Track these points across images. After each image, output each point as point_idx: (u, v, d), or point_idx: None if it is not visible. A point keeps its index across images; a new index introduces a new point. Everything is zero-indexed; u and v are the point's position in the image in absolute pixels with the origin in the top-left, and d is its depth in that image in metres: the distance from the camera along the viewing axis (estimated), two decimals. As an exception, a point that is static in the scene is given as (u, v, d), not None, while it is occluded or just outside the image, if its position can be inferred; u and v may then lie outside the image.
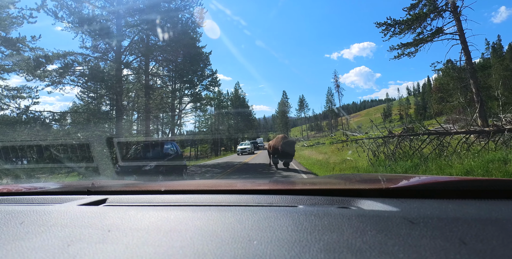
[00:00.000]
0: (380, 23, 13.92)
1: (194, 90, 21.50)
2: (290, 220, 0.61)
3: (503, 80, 40.17)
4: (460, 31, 13.05)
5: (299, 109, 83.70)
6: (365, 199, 0.78)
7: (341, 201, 0.79)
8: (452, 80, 20.00)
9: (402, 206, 0.70)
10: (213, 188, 1.03)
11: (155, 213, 0.72)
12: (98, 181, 1.40)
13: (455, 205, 0.70)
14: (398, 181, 1.06)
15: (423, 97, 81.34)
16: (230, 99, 57.90)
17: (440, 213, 0.63)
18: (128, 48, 15.34)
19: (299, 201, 0.81)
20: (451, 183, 0.89)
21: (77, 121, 15.29)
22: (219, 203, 0.84)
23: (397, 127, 30.70)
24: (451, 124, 12.89)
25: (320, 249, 0.46)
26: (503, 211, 0.64)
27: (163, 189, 1.01)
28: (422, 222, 0.57)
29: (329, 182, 1.29)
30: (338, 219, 0.60)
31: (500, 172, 5.67)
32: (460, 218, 0.59)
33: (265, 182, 1.26)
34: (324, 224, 0.57)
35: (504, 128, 7.82)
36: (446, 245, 0.46)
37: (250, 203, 0.82)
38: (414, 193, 0.83)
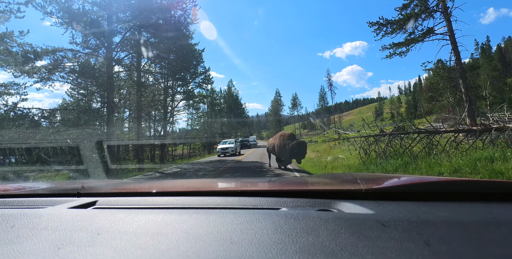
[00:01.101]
0: (373, 22, 14.04)
1: (187, 88, 21.36)
2: (271, 222, 0.63)
3: (491, 80, 41.08)
4: (450, 31, 13.26)
5: (292, 107, 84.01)
6: (346, 201, 0.81)
7: (323, 203, 0.81)
8: (442, 80, 20.35)
9: (378, 209, 0.73)
10: (201, 189, 1.05)
11: (143, 216, 0.74)
12: (89, 182, 1.39)
13: (427, 207, 0.73)
14: (381, 182, 1.08)
15: (414, 97, 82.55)
16: (223, 97, 57.69)
17: (411, 216, 0.65)
18: (119, 44, 15.12)
19: (283, 203, 0.83)
20: (429, 184, 0.91)
21: (67, 119, 15.03)
22: (205, 205, 0.86)
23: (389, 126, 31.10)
24: (440, 123, 13.14)
25: (295, 251, 0.48)
26: (468, 213, 0.67)
27: (153, 191, 1.03)
28: (393, 225, 0.59)
29: (314, 182, 1.30)
30: (316, 221, 0.63)
31: (487, 170, 5.82)
32: (429, 220, 0.61)
33: (252, 183, 1.28)
34: (302, 227, 0.60)
35: (491, 127, 8.00)
36: (411, 247, 0.49)
37: (235, 205, 0.85)
38: (393, 195, 0.86)
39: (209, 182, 1.47)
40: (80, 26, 13.22)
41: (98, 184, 1.37)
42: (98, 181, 1.68)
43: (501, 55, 71.23)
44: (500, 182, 0.94)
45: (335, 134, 29.49)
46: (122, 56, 15.91)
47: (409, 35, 14.07)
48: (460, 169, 6.29)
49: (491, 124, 8.45)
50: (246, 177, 8.37)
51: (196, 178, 9.47)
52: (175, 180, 1.39)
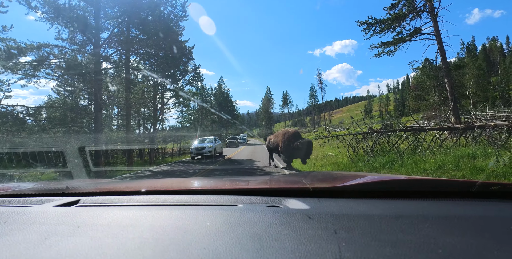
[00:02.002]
0: (362, 21, 14.20)
1: (177, 85, 21.16)
2: (228, 216, 0.75)
3: (476, 79, 42.18)
4: (437, 31, 13.54)
5: (282, 105, 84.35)
6: (293, 199, 0.92)
7: (274, 201, 0.92)
8: (429, 78, 20.80)
9: (315, 205, 0.84)
10: (171, 188, 1.17)
11: (118, 211, 0.85)
12: (74, 182, 1.50)
13: (353, 203, 0.85)
14: (336, 181, 1.22)
15: (402, 95, 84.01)
16: (213, 94, 57.39)
17: (335, 210, 0.78)
18: (107, 40, 14.83)
19: (241, 200, 0.94)
20: (365, 184, 1.04)
21: (53, 116, 14.69)
22: (172, 202, 0.96)
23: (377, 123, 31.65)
24: (427, 121, 13.45)
25: (235, 238, 0.62)
26: (381, 208, 0.78)
27: (128, 190, 1.14)
28: (317, 218, 0.71)
29: (275, 181, 1.46)
30: (264, 215, 0.74)
31: (469, 167, 6.03)
32: (347, 214, 0.74)
33: (217, 182, 1.40)
34: (252, 220, 0.71)
35: (474, 125, 8.27)
36: (321, 234, 0.62)
37: (200, 202, 0.95)
38: (337, 193, 0.96)
39: (182, 181, 1.60)
40: (66, 22, 12.90)
41: (82, 183, 1.49)
42: (84, 181, 1.79)
43: (485, 55, 73.20)
44: (431, 180, 1.10)
45: (325, 131, 29.80)
46: (110, 53, 15.62)
47: (397, 34, 14.30)
48: (444, 165, 6.49)
49: (474, 122, 8.73)
50: (227, 176, 8.46)
51: (185, 176, 9.46)
52: (151, 179, 1.50)
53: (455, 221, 0.66)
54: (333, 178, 1.46)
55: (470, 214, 0.72)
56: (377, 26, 14.24)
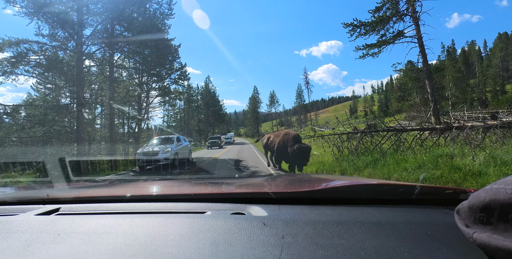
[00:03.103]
0: (347, 23, 14.47)
1: (162, 84, 20.87)
2: (195, 223, 0.81)
3: (455, 81, 43.77)
4: (419, 34, 13.98)
5: (269, 104, 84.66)
6: (257, 205, 0.97)
7: (240, 208, 0.97)
8: (411, 80, 21.45)
9: (274, 212, 0.90)
10: (146, 196, 1.21)
11: (95, 220, 0.90)
12: (55, 187, 1.52)
13: (306, 209, 0.91)
14: (303, 187, 1.28)
15: (386, 95, 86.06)
16: (200, 93, 56.89)
17: (287, 217, 0.84)
18: (90, 37, 14.44)
19: (210, 207, 0.99)
20: (313, 192, 1.09)
21: (33, 115, 14.18)
22: (146, 210, 1.01)
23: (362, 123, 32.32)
24: (409, 121, 13.86)
25: (196, 243, 0.68)
26: (328, 215, 0.85)
27: (106, 198, 1.19)
28: (270, 224, 0.77)
29: (244, 186, 1.49)
30: (229, 222, 0.80)
31: (447, 166, 6.27)
32: (296, 220, 0.80)
33: (193, 188, 1.42)
34: (217, 227, 0.77)
35: (453, 126, 8.60)
36: (270, 239, 0.68)
37: (172, 209, 1.01)
38: (297, 199, 1.02)
39: (158, 186, 1.63)
40: (47, 17, 12.48)
41: (63, 188, 1.52)
42: (65, 185, 1.81)
43: (464, 58, 76.00)
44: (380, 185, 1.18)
45: (311, 131, 30.16)
46: (93, 50, 15.23)
47: (381, 37, 14.67)
48: (424, 164, 6.72)
49: (453, 123, 9.08)
50: (209, 178, 8.43)
51: (171, 176, 9.37)
52: (129, 184, 1.50)
53: (386, 226, 0.74)
54: (301, 183, 1.53)
55: (400, 220, 0.79)
56: (362, 28, 14.55)
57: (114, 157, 15.43)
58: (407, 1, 14.11)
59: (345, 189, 1.10)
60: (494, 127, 7.62)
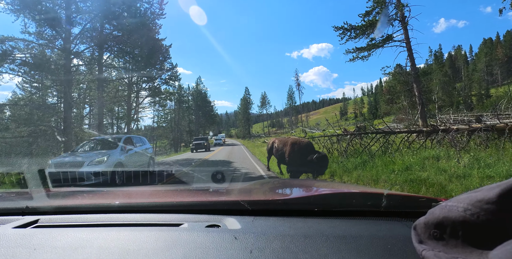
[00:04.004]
0: (338, 27, 14.65)
1: (153, 84, 20.66)
2: (169, 237, 0.81)
3: (442, 85, 44.84)
4: (407, 39, 14.27)
5: (261, 106, 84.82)
6: (232, 217, 0.97)
7: (216, 219, 0.97)
8: (399, 83, 21.87)
9: (248, 224, 0.90)
10: (125, 205, 1.18)
11: (72, 233, 0.89)
12: (35, 196, 1.50)
13: (280, 222, 0.91)
14: (279, 196, 1.29)
15: (376, 98, 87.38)
16: (191, 94, 56.53)
17: (260, 230, 0.84)
18: (79, 36, 14.19)
19: (186, 219, 0.99)
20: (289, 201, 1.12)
21: (18, 115, 13.81)
22: (123, 221, 1.01)
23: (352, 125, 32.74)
24: (396, 124, 14.12)
25: (168, 258, 0.69)
26: (298, 227, 0.86)
27: (85, 209, 1.17)
28: (241, 237, 0.78)
29: (224, 194, 1.47)
30: (205, 236, 0.80)
31: (433, 168, 6.41)
32: (267, 234, 0.81)
33: (172, 197, 1.38)
34: (187, 240, 0.78)
35: (439, 129, 8.80)
36: (239, 254, 0.69)
37: (150, 221, 1.00)
38: (273, 211, 1.03)
39: (140, 195, 1.58)
40: (34, 15, 12.20)
41: (43, 199, 1.49)
42: (47, 192, 1.75)
43: (451, 62, 77.99)
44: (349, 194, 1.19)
45: (302, 133, 30.38)
46: (81, 49, 14.96)
47: (371, 40, 14.89)
48: (411, 166, 6.86)
49: (439, 126, 9.30)
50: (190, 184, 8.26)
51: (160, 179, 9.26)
52: (112, 190, 1.45)
53: (350, 240, 0.76)
54: (284, 190, 1.54)
55: (364, 233, 0.81)
56: (352, 32, 14.76)
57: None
58: (396, 6, 14.39)
59: (316, 201, 1.10)
60: (479, 131, 7.83)
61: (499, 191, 0.36)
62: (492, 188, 0.38)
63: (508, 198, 0.36)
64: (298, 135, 28.05)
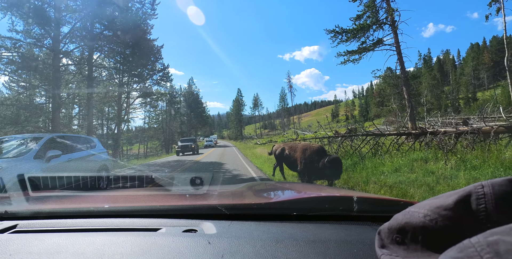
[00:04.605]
0: (329, 30, 14.82)
1: (144, 85, 20.46)
2: (144, 242, 0.81)
3: (431, 88, 45.76)
4: (397, 43, 14.52)
5: (253, 107, 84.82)
6: (210, 222, 0.98)
7: (193, 224, 0.97)
8: (389, 86, 22.23)
9: (223, 229, 0.91)
10: (104, 211, 1.16)
11: (49, 238, 0.89)
12: (14, 200, 1.47)
13: (253, 227, 0.92)
14: (257, 199, 1.29)
15: (366, 100, 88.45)
16: (183, 95, 56.17)
17: (234, 234, 0.85)
18: (68, 35, 13.96)
19: (164, 223, 0.98)
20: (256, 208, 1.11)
21: (4, 115, 13.47)
22: (101, 226, 1.00)
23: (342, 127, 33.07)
24: (386, 126, 14.33)
25: None
26: (269, 232, 0.88)
27: (64, 213, 1.16)
28: (215, 242, 0.79)
29: (204, 198, 1.45)
30: (173, 241, 0.81)
31: (421, 170, 6.53)
32: (240, 238, 0.82)
33: (153, 202, 1.36)
34: (162, 245, 0.78)
35: (427, 131, 8.97)
36: (210, 258, 0.71)
37: (128, 225, 1.00)
38: (250, 216, 1.03)
39: (121, 199, 1.55)
40: (22, 13, 11.95)
41: (23, 203, 1.46)
42: (28, 196, 1.70)
43: (440, 66, 79.68)
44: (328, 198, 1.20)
45: (294, 134, 30.51)
46: (71, 48, 14.72)
47: (362, 44, 15.10)
48: (400, 168, 6.97)
49: (427, 128, 9.48)
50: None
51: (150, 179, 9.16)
52: (93, 196, 1.40)
53: (319, 244, 0.77)
54: (265, 194, 1.54)
55: (333, 237, 0.82)
56: (343, 35, 14.94)
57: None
58: (386, 11, 14.64)
59: (290, 206, 1.12)
60: (465, 133, 8.02)
61: (456, 198, 0.38)
62: (450, 194, 0.40)
63: (463, 205, 0.38)
64: (289, 136, 28.16)
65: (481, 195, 0.37)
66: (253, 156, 16.06)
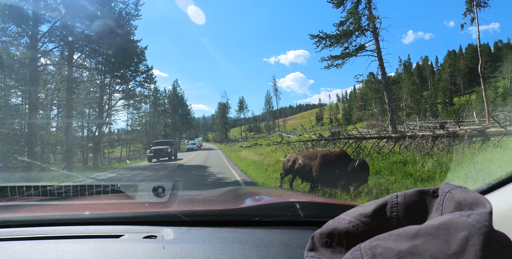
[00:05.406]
0: (314, 35, 15.10)
1: (127, 86, 20.05)
2: (105, 249, 0.83)
3: (411, 93, 47.36)
4: (378, 49, 14.98)
5: (238, 110, 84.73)
6: (171, 228, 1.00)
7: (155, 230, 1.00)
8: (371, 91, 22.85)
9: (181, 235, 0.94)
10: (66, 218, 1.17)
11: (13, 246, 0.88)
12: None
13: (209, 232, 0.97)
14: (223, 205, 1.35)
15: (350, 104, 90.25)
16: (167, 97, 55.40)
17: (188, 240, 0.89)
18: (47, 34, 13.52)
19: (128, 230, 1.01)
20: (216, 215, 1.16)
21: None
22: (63, 234, 1.00)
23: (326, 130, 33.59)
24: (369, 129, 14.69)
25: None
26: (221, 237, 0.92)
27: (25, 222, 1.14)
28: (169, 247, 0.82)
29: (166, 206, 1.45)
30: (132, 247, 0.83)
31: (400, 172, 6.74)
32: (193, 243, 0.85)
33: (119, 209, 1.36)
34: (121, 252, 0.80)
35: (406, 135, 9.28)
36: None
37: (92, 232, 1.01)
38: (209, 222, 1.08)
39: (86, 206, 1.52)
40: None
41: None
42: None
43: (419, 72, 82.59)
44: None
45: (279, 137, 30.71)
46: (50, 48, 14.26)
47: (345, 49, 15.48)
48: (380, 170, 7.16)
49: (406, 132, 9.80)
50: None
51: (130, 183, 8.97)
52: (60, 203, 1.35)
53: (262, 248, 0.82)
54: (228, 200, 1.60)
55: (277, 241, 0.88)
56: (327, 40, 15.26)
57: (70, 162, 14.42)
58: (368, 18, 15.10)
59: (244, 212, 1.16)
60: (442, 137, 8.35)
61: (375, 207, 0.43)
62: (371, 203, 0.45)
63: (380, 213, 0.43)
64: (274, 139, 28.31)
65: (394, 204, 0.43)
66: (238, 159, 16.02)
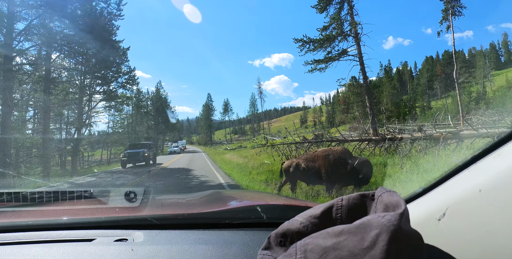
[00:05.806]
0: (298, 39, 15.35)
1: (108, 88, 19.54)
2: (77, 252, 0.87)
3: (391, 97, 48.83)
4: (360, 54, 15.42)
5: (223, 112, 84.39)
6: (142, 231, 1.04)
7: (127, 234, 1.02)
8: (353, 94, 23.42)
9: (150, 237, 0.98)
10: (42, 223, 1.17)
11: None
12: None
13: (177, 234, 1.01)
14: (193, 209, 1.38)
15: (333, 107, 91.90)
16: (150, 98, 54.39)
17: (157, 242, 0.93)
18: (23, 32, 13.00)
19: (100, 234, 1.03)
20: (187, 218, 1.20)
21: None
22: (39, 238, 1.01)
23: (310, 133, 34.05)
24: (351, 132, 15.04)
25: None
26: (187, 239, 0.96)
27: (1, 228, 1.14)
28: (137, 249, 0.86)
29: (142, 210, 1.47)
30: (103, 250, 0.86)
31: (381, 174, 6.94)
32: (160, 245, 0.89)
33: (92, 213, 1.37)
34: (92, 255, 0.84)
35: (386, 137, 9.57)
36: None
37: (66, 237, 1.03)
38: (180, 225, 1.12)
39: (56, 212, 1.52)
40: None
41: None
42: None
43: (399, 76, 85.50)
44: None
45: (264, 140, 30.82)
46: (26, 47, 13.71)
47: (328, 54, 15.84)
48: (361, 173, 7.33)
49: (386, 135, 10.10)
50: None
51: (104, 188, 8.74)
52: (28, 209, 1.34)
53: (223, 248, 0.87)
54: (199, 204, 1.64)
55: (238, 241, 0.93)
56: (311, 44, 15.55)
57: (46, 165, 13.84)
58: (350, 23, 15.53)
59: (212, 215, 1.20)
60: (419, 139, 8.67)
61: (323, 209, 0.48)
62: (321, 206, 0.49)
63: (326, 214, 0.47)
64: (259, 142, 28.38)
65: (339, 207, 0.47)
66: (222, 162, 15.94)
